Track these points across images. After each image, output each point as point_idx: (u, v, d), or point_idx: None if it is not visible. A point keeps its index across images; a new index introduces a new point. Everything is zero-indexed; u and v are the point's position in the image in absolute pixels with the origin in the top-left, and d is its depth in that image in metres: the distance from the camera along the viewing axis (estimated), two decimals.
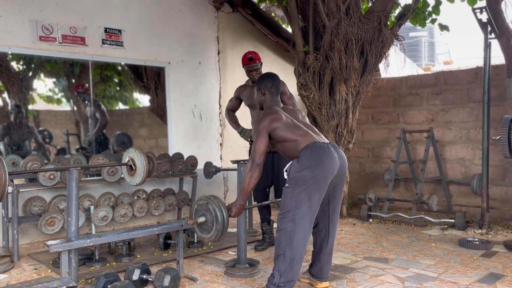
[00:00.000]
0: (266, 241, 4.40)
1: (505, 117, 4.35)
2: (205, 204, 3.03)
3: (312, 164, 2.80)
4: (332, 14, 5.28)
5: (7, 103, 4.67)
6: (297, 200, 2.80)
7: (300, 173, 2.81)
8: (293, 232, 2.81)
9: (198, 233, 3.12)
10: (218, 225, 2.96)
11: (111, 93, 5.50)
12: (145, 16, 5.56)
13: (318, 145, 2.88)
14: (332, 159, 2.86)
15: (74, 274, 3.03)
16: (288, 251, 2.81)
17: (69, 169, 3.11)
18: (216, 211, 2.97)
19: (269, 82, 3.24)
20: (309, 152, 2.84)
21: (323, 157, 2.82)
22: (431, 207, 5.24)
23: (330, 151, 2.87)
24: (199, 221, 3.04)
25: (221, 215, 2.96)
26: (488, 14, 4.98)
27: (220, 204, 3.01)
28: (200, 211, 3.07)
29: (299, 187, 2.80)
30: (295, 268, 2.84)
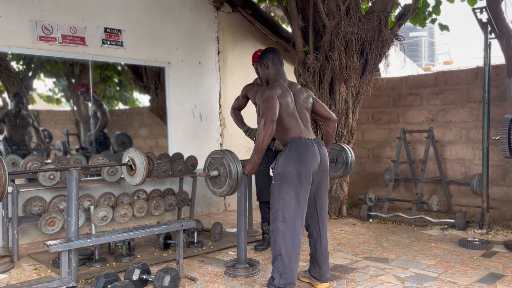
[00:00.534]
0: (266, 240, 4.40)
1: (505, 117, 4.35)
2: (220, 158, 2.99)
3: (295, 160, 2.88)
4: (332, 14, 5.28)
5: (7, 103, 4.67)
6: (285, 198, 2.87)
7: (285, 169, 2.89)
8: (285, 231, 2.86)
9: (209, 186, 3.09)
10: (231, 181, 2.93)
11: (111, 93, 5.50)
12: (145, 16, 5.56)
13: (303, 140, 2.96)
14: (314, 155, 2.94)
15: (74, 274, 3.03)
16: (284, 250, 2.85)
17: (69, 169, 3.10)
18: (231, 166, 2.92)
19: (270, 54, 3.21)
20: (293, 147, 2.93)
21: (305, 153, 2.91)
22: (431, 207, 5.24)
23: (313, 147, 2.96)
24: (211, 175, 3.02)
25: (235, 171, 2.92)
26: (488, 14, 4.98)
27: (235, 159, 2.96)
28: (214, 165, 3.04)
29: (285, 184, 2.88)
30: (293, 268, 2.87)
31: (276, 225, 2.89)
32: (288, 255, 2.85)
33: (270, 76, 3.22)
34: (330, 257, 3.97)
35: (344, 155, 3.66)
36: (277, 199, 2.90)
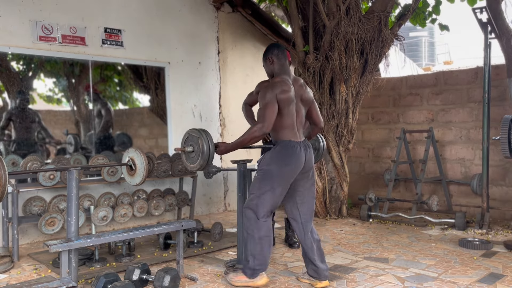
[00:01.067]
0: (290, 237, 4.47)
1: (505, 117, 4.35)
2: (196, 137, 3.24)
3: (280, 161, 3.10)
4: (332, 14, 5.28)
5: (7, 103, 4.67)
6: (262, 191, 3.12)
7: (268, 167, 3.12)
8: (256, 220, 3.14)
9: (184, 160, 3.36)
10: (202, 159, 3.20)
11: (111, 93, 5.50)
12: (145, 16, 5.56)
13: (291, 144, 3.13)
14: (299, 159, 3.13)
15: (74, 274, 3.03)
16: (256, 233, 3.13)
17: (69, 169, 3.10)
18: (204, 145, 3.18)
19: (274, 49, 3.29)
20: (282, 150, 3.12)
21: (291, 157, 3.10)
22: (431, 207, 5.24)
23: (300, 151, 3.14)
24: (186, 150, 3.28)
25: (207, 150, 3.19)
26: (488, 14, 4.98)
27: (209, 139, 3.21)
28: (190, 141, 3.30)
29: (265, 179, 3.12)
30: (264, 250, 3.15)
31: (249, 214, 3.16)
32: (260, 237, 3.13)
33: (275, 71, 3.29)
34: (330, 257, 3.97)
35: (317, 143, 3.92)
36: (255, 190, 3.15)
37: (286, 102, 3.10)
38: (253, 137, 3.04)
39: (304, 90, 3.27)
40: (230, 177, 6.48)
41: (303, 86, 3.28)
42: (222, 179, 6.44)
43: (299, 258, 3.97)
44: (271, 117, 3.04)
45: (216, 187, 6.36)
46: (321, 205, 5.71)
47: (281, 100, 3.07)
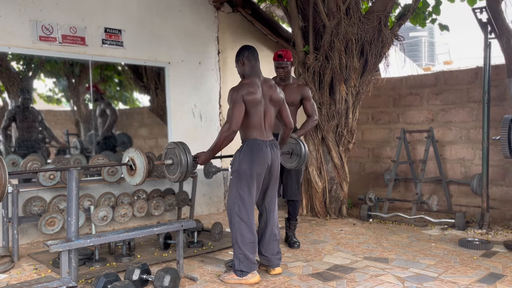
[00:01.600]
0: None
1: (505, 117, 4.35)
2: (173, 149, 3.40)
3: (249, 160, 3.29)
4: (332, 14, 5.28)
5: (7, 103, 4.67)
6: (240, 194, 3.32)
7: (240, 167, 3.31)
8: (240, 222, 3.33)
9: (166, 174, 3.50)
10: (182, 168, 3.33)
11: (111, 93, 5.50)
12: (145, 16, 5.56)
13: (257, 142, 3.33)
14: (266, 156, 3.33)
15: (74, 274, 3.03)
16: (240, 239, 3.32)
17: (69, 169, 3.10)
18: (181, 156, 3.33)
19: (245, 51, 3.41)
20: (249, 148, 3.32)
21: (258, 155, 3.30)
22: (431, 207, 5.24)
23: (266, 149, 3.34)
24: (166, 163, 3.43)
25: (185, 160, 3.33)
26: (488, 14, 4.98)
27: (186, 150, 3.36)
28: (168, 155, 3.45)
29: (241, 180, 3.31)
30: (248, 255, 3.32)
31: (233, 217, 3.35)
32: (244, 242, 3.32)
33: (246, 72, 3.42)
34: (330, 257, 3.97)
35: (298, 148, 3.97)
36: (234, 193, 3.34)
37: (253, 103, 3.26)
38: (224, 137, 3.24)
39: (273, 91, 3.41)
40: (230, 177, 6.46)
41: (272, 87, 3.41)
42: (222, 179, 6.44)
43: (299, 258, 3.98)
44: (237, 117, 3.22)
45: (216, 187, 6.36)
46: (321, 205, 5.71)
47: (247, 101, 3.24)
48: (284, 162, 4.14)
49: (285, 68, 4.31)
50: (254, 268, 3.36)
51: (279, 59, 4.28)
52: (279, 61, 4.29)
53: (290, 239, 4.45)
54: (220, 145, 3.28)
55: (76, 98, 5.17)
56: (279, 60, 4.29)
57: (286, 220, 4.54)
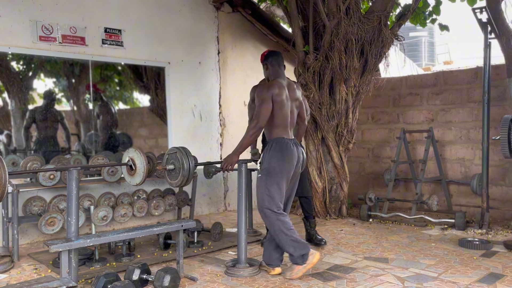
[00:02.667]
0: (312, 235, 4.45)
1: (505, 117, 4.35)
2: (174, 154, 3.43)
3: (279, 157, 3.37)
4: (332, 14, 5.28)
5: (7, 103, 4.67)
6: (270, 189, 3.38)
7: (270, 165, 3.38)
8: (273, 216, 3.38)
9: (167, 179, 3.54)
10: (184, 172, 3.37)
11: (111, 93, 5.50)
12: (145, 16, 5.56)
13: (285, 140, 3.43)
14: (294, 154, 3.44)
15: (74, 274, 3.03)
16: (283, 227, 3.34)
17: (69, 169, 3.10)
18: (183, 160, 3.36)
19: (269, 57, 3.62)
20: (278, 146, 3.40)
21: (287, 152, 3.40)
22: (431, 207, 5.24)
23: (292, 147, 3.44)
24: (168, 168, 3.46)
25: (187, 164, 3.37)
26: (488, 14, 4.98)
27: (188, 154, 3.40)
28: (170, 160, 3.49)
29: (269, 176, 3.38)
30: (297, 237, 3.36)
31: (266, 211, 3.41)
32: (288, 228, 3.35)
33: (270, 76, 3.62)
34: (330, 257, 3.98)
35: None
36: (263, 190, 3.41)
37: (280, 103, 3.38)
38: (252, 133, 3.34)
39: (296, 93, 3.57)
40: (230, 177, 6.48)
41: (295, 89, 3.56)
42: (222, 179, 6.44)
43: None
44: (265, 114, 3.33)
45: (216, 187, 6.36)
46: (321, 205, 5.71)
47: (275, 101, 3.36)
48: None
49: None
50: (308, 247, 3.37)
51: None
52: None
53: (314, 237, 4.39)
54: (248, 142, 3.36)
55: (76, 98, 5.17)
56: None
57: (305, 219, 4.50)
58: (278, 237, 3.38)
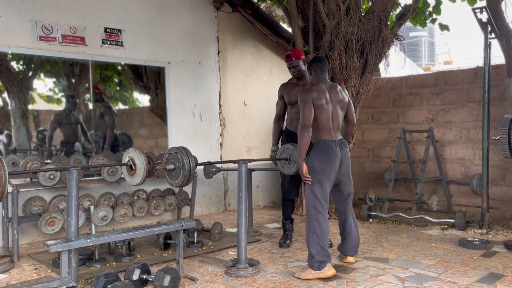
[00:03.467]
0: (289, 237, 4.47)
1: (505, 117, 4.35)
2: (175, 153, 3.43)
3: (320, 158, 3.58)
4: (332, 14, 5.28)
5: (7, 103, 4.67)
6: (312, 188, 3.57)
7: (311, 165, 3.58)
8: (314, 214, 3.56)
9: (168, 179, 3.54)
10: (185, 172, 3.38)
11: (111, 93, 5.50)
12: (145, 16, 5.56)
13: (328, 142, 3.62)
14: (335, 155, 3.61)
15: (74, 274, 3.03)
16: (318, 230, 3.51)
17: (69, 169, 3.10)
18: (184, 160, 3.36)
19: (313, 63, 3.80)
20: (319, 148, 3.61)
21: (329, 153, 3.59)
22: (431, 207, 5.24)
23: (336, 148, 3.63)
24: (168, 168, 3.45)
25: (188, 164, 3.37)
26: (488, 14, 4.98)
27: (189, 154, 3.40)
28: (170, 160, 3.48)
29: (312, 176, 3.57)
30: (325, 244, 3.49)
31: (310, 209, 3.59)
32: (322, 233, 3.50)
33: (313, 80, 3.79)
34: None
35: (296, 154, 3.96)
36: (308, 189, 3.61)
37: (321, 107, 3.60)
38: (303, 136, 3.53)
39: (340, 95, 3.74)
40: (230, 177, 6.48)
41: (338, 92, 3.74)
42: (222, 179, 6.44)
43: (299, 258, 3.98)
44: (308, 115, 3.55)
45: (216, 187, 6.36)
46: None
47: (316, 105, 3.59)
48: (283, 169, 4.13)
49: (296, 67, 4.23)
50: (330, 259, 3.49)
51: (288, 59, 4.25)
52: (289, 61, 4.25)
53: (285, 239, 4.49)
54: (304, 144, 3.53)
55: (76, 98, 5.17)
56: (288, 61, 4.25)
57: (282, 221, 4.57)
58: (308, 235, 3.53)
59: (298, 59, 4.24)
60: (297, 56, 4.24)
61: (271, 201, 7.01)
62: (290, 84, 4.41)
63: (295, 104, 4.25)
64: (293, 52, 4.27)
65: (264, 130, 6.94)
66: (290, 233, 4.50)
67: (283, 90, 4.41)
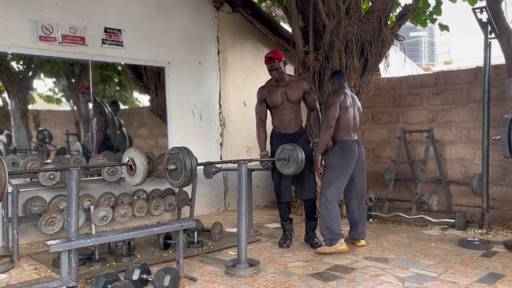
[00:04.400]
0: (289, 237, 4.46)
1: (505, 117, 4.35)
2: (176, 153, 3.44)
3: (339, 156, 4.08)
4: (332, 14, 5.28)
5: (7, 103, 4.67)
6: (330, 181, 4.08)
7: (332, 160, 4.10)
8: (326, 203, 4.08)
9: (168, 179, 3.55)
10: (186, 173, 3.39)
11: (111, 93, 5.50)
12: (145, 16, 5.56)
13: (347, 141, 4.13)
14: (353, 153, 4.13)
15: (74, 274, 3.03)
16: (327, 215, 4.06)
17: (69, 169, 3.10)
18: (186, 160, 3.37)
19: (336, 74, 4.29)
20: (340, 147, 4.11)
21: (347, 151, 4.10)
22: (431, 207, 5.24)
23: (354, 147, 4.14)
24: (169, 168, 3.46)
25: (189, 164, 3.37)
26: (488, 14, 4.98)
27: (190, 154, 3.41)
28: (171, 160, 3.49)
29: (331, 170, 4.09)
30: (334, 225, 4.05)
31: (321, 198, 4.10)
32: (330, 216, 4.04)
33: (335, 88, 4.24)
34: (330, 257, 3.98)
35: (295, 154, 4.05)
36: (325, 180, 4.11)
37: (345, 109, 4.08)
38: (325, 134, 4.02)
39: (358, 102, 4.30)
40: (230, 177, 6.48)
41: (356, 100, 4.28)
42: (222, 179, 6.44)
43: (299, 258, 3.98)
44: (333, 116, 4.00)
45: (216, 187, 6.36)
46: None
47: (341, 107, 4.05)
48: (282, 169, 4.14)
49: (278, 69, 4.23)
50: (339, 236, 4.02)
51: (270, 61, 4.21)
52: (271, 63, 4.21)
53: (311, 239, 4.38)
54: (324, 141, 4.03)
55: (76, 98, 5.17)
56: (270, 63, 4.22)
57: (306, 220, 4.47)
58: (321, 220, 4.10)
59: (280, 61, 4.21)
60: (279, 58, 4.21)
61: (271, 201, 7.01)
62: (270, 86, 4.36)
63: (280, 105, 4.30)
64: (275, 54, 4.21)
65: None
66: (290, 233, 4.50)
67: (264, 94, 4.36)
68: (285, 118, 4.34)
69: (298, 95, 4.32)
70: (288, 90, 4.30)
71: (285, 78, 4.34)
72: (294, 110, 4.35)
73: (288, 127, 4.36)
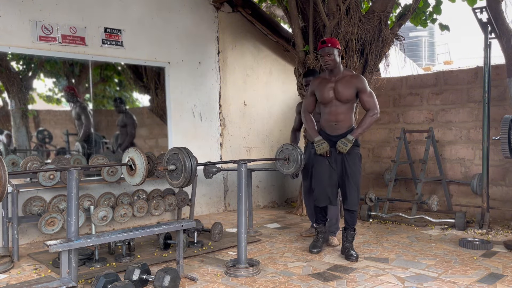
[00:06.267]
0: (320, 240, 4.21)
1: (505, 117, 4.35)
2: (176, 154, 3.43)
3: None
4: (332, 14, 5.28)
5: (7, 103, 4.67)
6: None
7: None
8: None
9: (168, 180, 3.53)
10: (186, 173, 3.37)
11: (111, 93, 5.50)
12: (145, 16, 5.56)
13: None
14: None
15: (74, 274, 3.03)
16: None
17: (69, 169, 3.10)
18: (185, 160, 3.36)
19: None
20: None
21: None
22: (431, 207, 5.24)
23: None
24: (169, 168, 3.45)
25: (189, 165, 3.36)
26: (488, 14, 4.98)
27: (190, 155, 3.40)
28: (171, 160, 3.48)
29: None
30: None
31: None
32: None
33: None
34: (330, 257, 3.98)
35: (295, 154, 4.00)
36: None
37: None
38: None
39: None
40: (230, 177, 6.48)
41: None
42: (222, 179, 6.44)
43: (299, 258, 3.98)
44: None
45: (216, 187, 6.36)
46: None
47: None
48: (281, 169, 4.12)
49: (330, 56, 3.79)
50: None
51: (323, 45, 3.79)
52: (323, 47, 3.79)
53: (347, 251, 3.95)
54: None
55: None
56: (323, 47, 3.79)
57: (343, 230, 4.06)
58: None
59: (333, 47, 3.80)
60: (333, 43, 3.81)
61: (271, 201, 7.01)
62: (322, 79, 3.97)
63: (328, 103, 3.90)
64: (330, 39, 3.83)
65: (264, 130, 6.94)
66: (322, 236, 4.20)
67: (314, 86, 3.99)
68: (331, 118, 3.92)
69: (348, 94, 3.84)
70: (338, 86, 3.85)
71: (339, 71, 3.91)
72: (343, 110, 3.89)
73: (334, 128, 3.93)
